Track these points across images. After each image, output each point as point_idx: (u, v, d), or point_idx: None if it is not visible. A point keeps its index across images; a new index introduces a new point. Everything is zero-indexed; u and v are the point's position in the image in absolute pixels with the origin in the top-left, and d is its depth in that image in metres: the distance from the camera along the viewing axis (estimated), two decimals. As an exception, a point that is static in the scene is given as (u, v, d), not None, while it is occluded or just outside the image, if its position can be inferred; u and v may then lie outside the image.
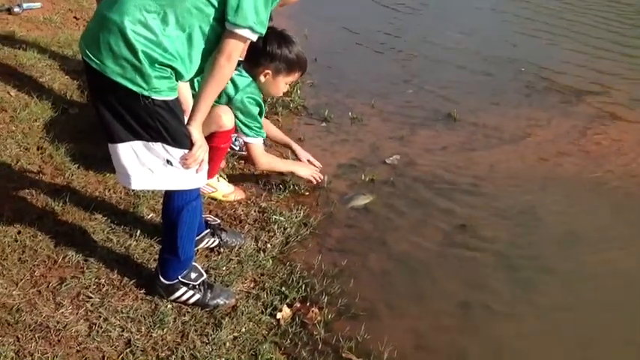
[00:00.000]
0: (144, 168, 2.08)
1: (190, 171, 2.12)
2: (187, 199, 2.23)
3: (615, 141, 4.06)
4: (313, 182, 3.35)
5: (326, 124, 4.13)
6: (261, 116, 3.12)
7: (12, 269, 2.46)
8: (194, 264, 2.43)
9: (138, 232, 2.75)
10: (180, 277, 2.37)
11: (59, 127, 3.46)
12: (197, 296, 2.40)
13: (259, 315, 2.44)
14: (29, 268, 2.49)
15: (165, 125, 2.01)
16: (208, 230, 2.73)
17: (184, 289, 2.39)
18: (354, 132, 4.06)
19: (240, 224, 3.00)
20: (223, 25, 1.97)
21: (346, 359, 2.31)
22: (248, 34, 1.99)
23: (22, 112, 3.50)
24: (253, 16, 1.96)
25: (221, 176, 3.19)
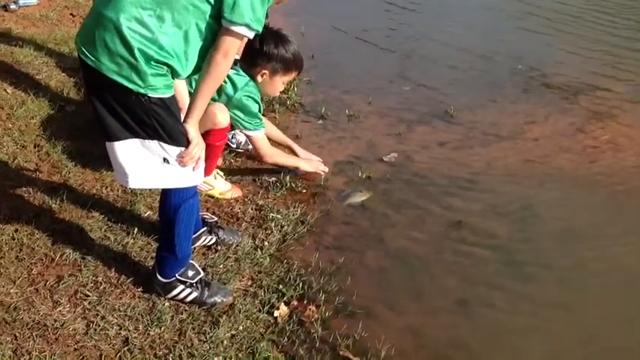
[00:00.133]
0: (141, 166, 2.07)
1: (187, 169, 2.12)
2: (184, 197, 2.22)
3: (612, 138, 4.07)
4: (321, 175, 3.40)
5: (323, 122, 4.12)
6: (260, 112, 3.14)
7: (9, 267, 2.46)
8: (191, 262, 2.43)
9: (135, 230, 2.74)
10: (177, 275, 2.37)
11: (56, 125, 3.46)
12: (194, 294, 2.40)
13: (257, 313, 2.44)
14: (26, 266, 2.49)
15: (161, 123, 2.01)
16: (205, 228, 2.73)
17: (182, 287, 2.39)
18: (351, 129, 4.06)
19: (237, 222, 3.00)
20: (220, 23, 1.97)
21: (344, 357, 2.31)
22: (244, 32, 1.98)
23: (19, 110, 3.49)
24: (250, 14, 1.95)
25: (218, 174, 3.19)
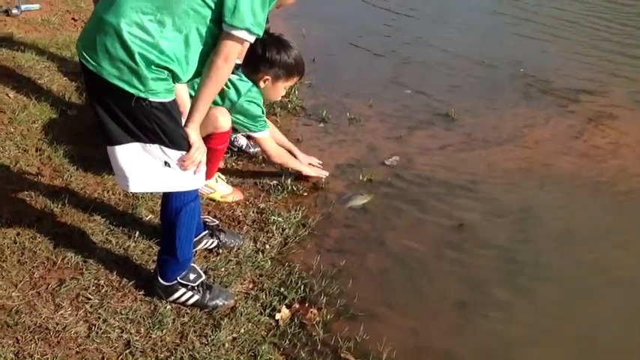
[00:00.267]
0: (142, 170, 2.08)
1: (188, 172, 2.12)
2: (186, 201, 2.23)
3: (613, 140, 4.07)
4: (322, 179, 3.41)
5: (324, 125, 4.13)
6: (263, 114, 3.17)
7: (11, 271, 2.47)
8: (193, 265, 2.44)
9: (137, 234, 2.75)
10: (179, 278, 2.38)
11: (58, 129, 3.47)
12: (196, 297, 2.40)
13: (258, 316, 2.44)
14: (28, 270, 2.50)
15: (162, 127, 2.01)
16: (207, 231, 2.74)
17: (183, 290, 2.39)
18: (352, 132, 4.07)
19: (238, 225, 3.00)
20: (220, 27, 1.97)
21: None
22: (245, 36, 1.99)
23: (21, 114, 3.51)
24: (250, 18, 1.96)
25: (219, 177, 3.20)
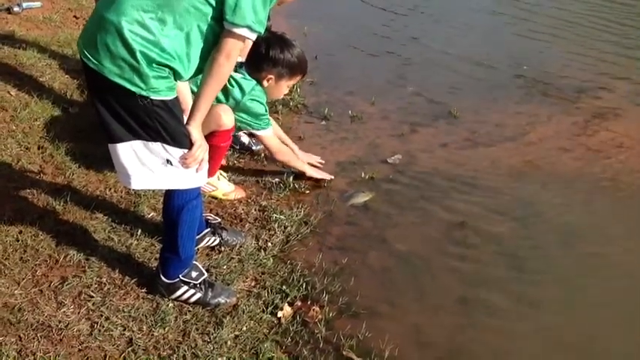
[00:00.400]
0: (144, 167, 2.08)
1: (190, 170, 2.12)
2: (187, 198, 2.23)
3: (615, 138, 4.07)
4: (327, 180, 3.40)
5: (326, 123, 4.13)
6: (266, 112, 3.18)
7: (14, 269, 2.47)
8: (195, 263, 2.44)
9: (139, 231, 2.75)
10: (181, 276, 2.38)
11: (60, 127, 3.47)
12: (198, 295, 2.40)
13: (260, 314, 2.44)
14: (31, 268, 2.50)
15: (164, 125, 2.01)
16: (209, 229, 2.74)
17: (185, 288, 2.39)
18: (354, 130, 4.06)
19: (240, 223, 3.00)
20: (221, 25, 1.97)
21: (347, 357, 2.31)
22: (246, 33, 1.98)
23: (23, 112, 3.51)
24: (252, 15, 1.96)
25: (222, 175, 3.20)
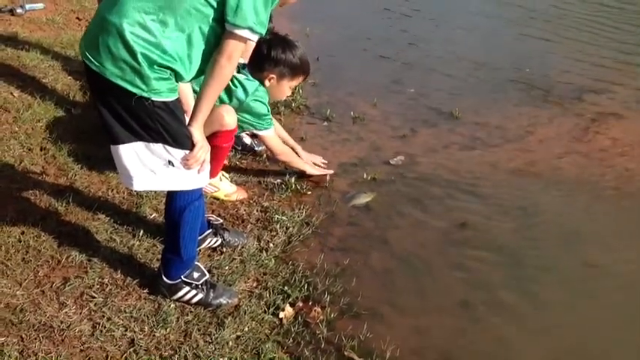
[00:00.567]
0: (145, 169, 2.08)
1: (192, 171, 2.13)
2: (189, 199, 2.23)
3: (616, 140, 4.07)
4: (326, 178, 3.41)
5: (328, 124, 4.14)
6: (269, 113, 3.19)
7: (16, 269, 2.48)
8: (197, 264, 2.44)
9: (141, 232, 2.76)
10: (182, 277, 2.38)
11: (62, 128, 3.48)
12: (200, 296, 2.41)
13: (262, 314, 2.44)
14: (33, 269, 2.50)
15: (165, 126, 2.01)
16: (211, 230, 2.74)
17: (187, 289, 2.40)
18: (356, 131, 4.07)
19: (242, 224, 3.01)
20: (223, 26, 1.97)
21: (349, 358, 2.31)
22: (248, 35, 1.99)
23: (25, 113, 3.52)
24: (253, 17, 1.96)
25: (224, 176, 3.21)
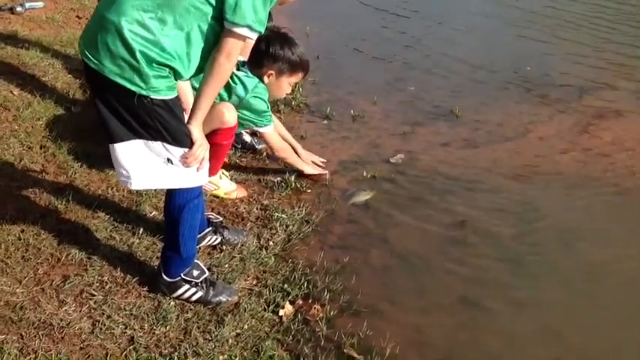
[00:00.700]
0: (144, 167, 2.08)
1: (191, 169, 2.13)
2: (189, 197, 2.24)
3: (617, 138, 4.07)
4: (324, 179, 3.40)
5: (327, 122, 4.13)
6: (268, 109, 3.19)
7: (15, 267, 2.48)
8: (196, 261, 2.44)
9: (140, 230, 2.76)
10: (182, 275, 2.38)
11: (62, 126, 3.48)
12: (199, 293, 2.41)
13: (262, 312, 2.45)
14: (33, 266, 2.51)
15: (164, 124, 2.01)
16: (210, 228, 2.75)
17: (187, 287, 2.40)
18: (356, 129, 4.07)
19: (242, 222, 3.01)
20: (222, 24, 1.97)
21: (348, 356, 2.31)
22: (247, 33, 1.99)
23: (25, 111, 3.52)
24: (252, 15, 1.96)
25: (223, 174, 3.21)
